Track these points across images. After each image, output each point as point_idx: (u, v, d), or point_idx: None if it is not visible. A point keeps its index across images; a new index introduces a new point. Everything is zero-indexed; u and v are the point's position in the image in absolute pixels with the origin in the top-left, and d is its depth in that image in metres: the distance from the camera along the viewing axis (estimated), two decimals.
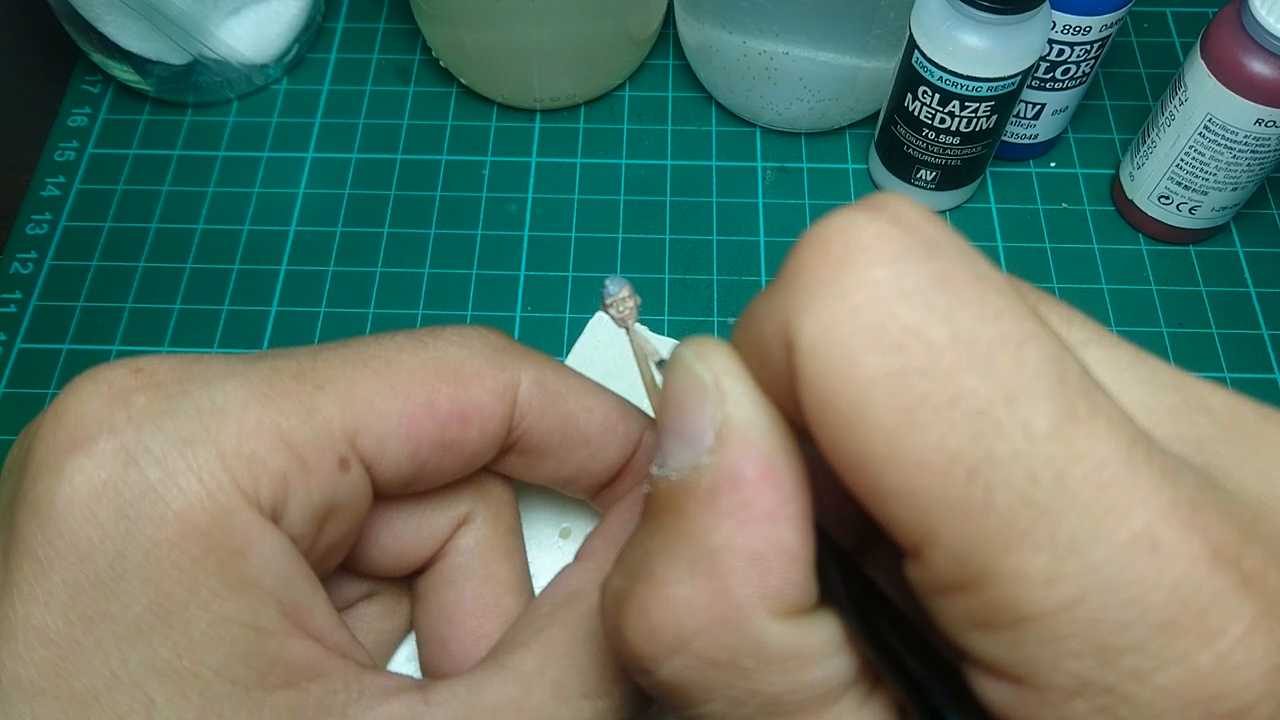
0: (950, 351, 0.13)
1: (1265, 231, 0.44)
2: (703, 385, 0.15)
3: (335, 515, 0.21)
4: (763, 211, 0.44)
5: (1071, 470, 0.12)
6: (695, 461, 0.15)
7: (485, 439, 0.23)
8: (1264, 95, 0.35)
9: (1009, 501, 0.12)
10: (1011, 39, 0.36)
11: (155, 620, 0.18)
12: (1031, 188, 0.45)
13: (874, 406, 0.13)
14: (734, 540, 0.15)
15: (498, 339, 0.24)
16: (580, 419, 0.24)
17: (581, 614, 0.22)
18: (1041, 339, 0.13)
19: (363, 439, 0.21)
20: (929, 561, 0.13)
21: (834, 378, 0.13)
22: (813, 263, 0.14)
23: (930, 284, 0.13)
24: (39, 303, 0.42)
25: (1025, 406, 0.13)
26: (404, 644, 0.27)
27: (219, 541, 0.19)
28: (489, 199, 0.44)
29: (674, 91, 0.47)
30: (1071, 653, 0.12)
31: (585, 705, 0.21)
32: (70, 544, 0.18)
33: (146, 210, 0.44)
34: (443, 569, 0.25)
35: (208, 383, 0.20)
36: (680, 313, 0.41)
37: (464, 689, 0.21)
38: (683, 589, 0.15)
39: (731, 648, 0.15)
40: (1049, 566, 0.12)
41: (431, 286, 0.42)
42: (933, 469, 0.13)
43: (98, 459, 0.18)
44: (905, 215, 0.14)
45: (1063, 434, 0.13)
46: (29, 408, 0.39)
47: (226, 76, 0.46)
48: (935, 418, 0.13)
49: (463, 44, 0.44)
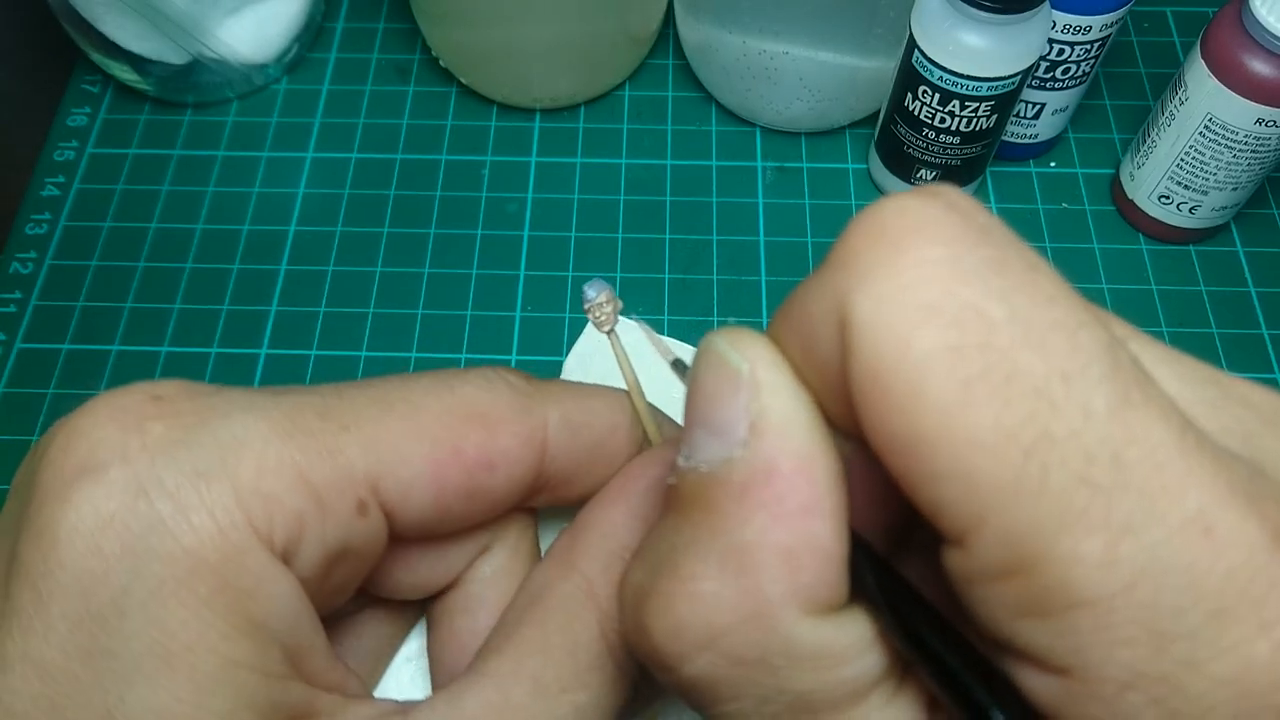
0: (1007, 329, 0.13)
1: (1266, 231, 0.43)
2: (737, 375, 0.15)
3: (347, 558, 0.21)
4: (763, 211, 0.44)
5: (1127, 451, 0.12)
6: (727, 454, 0.15)
7: (511, 485, 0.22)
8: (1264, 95, 0.35)
9: (1064, 482, 0.12)
10: (1011, 39, 0.36)
11: (158, 661, 0.17)
12: (1031, 187, 0.45)
13: (930, 382, 0.13)
14: (766, 535, 0.14)
15: (520, 381, 0.23)
16: (606, 442, 0.24)
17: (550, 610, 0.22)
18: (1094, 326, 0.13)
19: (385, 484, 0.20)
20: (976, 546, 0.13)
21: (889, 353, 0.13)
22: (868, 243, 0.14)
23: (986, 266, 0.13)
24: (39, 303, 0.42)
25: (1082, 387, 0.13)
26: (403, 645, 0.27)
27: (228, 581, 0.18)
28: (489, 199, 0.44)
29: (674, 91, 0.47)
30: (1125, 640, 0.12)
31: (564, 699, 0.21)
32: (73, 576, 0.17)
33: (146, 210, 0.44)
34: (458, 597, 0.24)
35: (228, 414, 0.19)
36: (680, 313, 0.41)
37: (444, 704, 0.21)
38: (711, 585, 0.15)
39: (760, 646, 0.15)
40: (1105, 549, 0.12)
41: (431, 286, 0.42)
42: (988, 447, 0.12)
43: (107, 489, 0.18)
44: (959, 202, 0.14)
45: (1119, 415, 0.12)
46: (29, 408, 0.39)
47: (226, 76, 0.46)
48: (992, 394, 0.13)
49: (463, 44, 0.44)
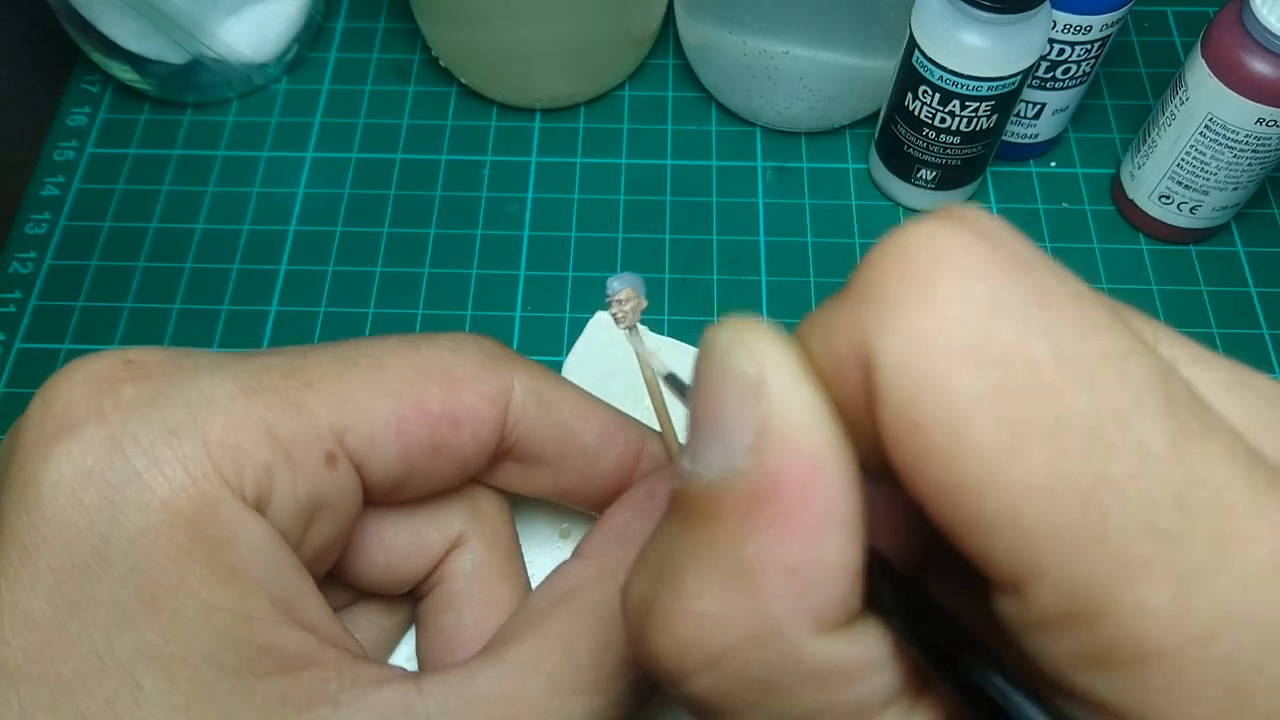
0: (1054, 369, 0.12)
1: (1266, 231, 0.43)
2: (742, 377, 0.14)
3: (323, 513, 0.21)
4: (763, 211, 0.44)
5: (1191, 493, 0.11)
6: (731, 463, 0.14)
7: (477, 444, 0.23)
8: (1265, 95, 0.35)
9: (1126, 528, 0.11)
10: (1012, 38, 0.36)
11: (142, 606, 0.18)
12: (1032, 187, 0.45)
13: (974, 429, 0.12)
14: (770, 554, 0.13)
15: (492, 345, 0.24)
16: (576, 426, 0.24)
17: (578, 610, 0.22)
18: (1142, 354, 0.12)
19: (351, 437, 0.21)
20: (1033, 596, 0.12)
21: (926, 399, 0.12)
22: (895, 275, 0.13)
23: (1027, 299, 0.12)
24: (38, 303, 0.42)
25: (1137, 425, 0.12)
26: (403, 643, 0.27)
27: (205, 530, 0.19)
28: (489, 199, 0.44)
29: (674, 91, 0.47)
30: (1200, 697, 0.11)
31: (580, 701, 0.21)
32: (55, 529, 0.18)
33: (146, 210, 0.44)
34: (441, 594, 0.25)
35: (195, 375, 0.20)
36: (680, 313, 0.41)
37: (458, 680, 0.21)
38: (712, 604, 0.14)
39: (766, 665, 0.14)
40: (1174, 599, 0.11)
41: (431, 286, 0.42)
42: (1043, 494, 0.12)
43: (84, 445, 0.18)
44: (990, 228, 0.13)
45: (1179, 453, 0.12)
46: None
47: (226, 76, 0.46)
48: (1044, 439, 0.12)
49: (463, 44, 0.44)
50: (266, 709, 0.19)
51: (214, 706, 0.18)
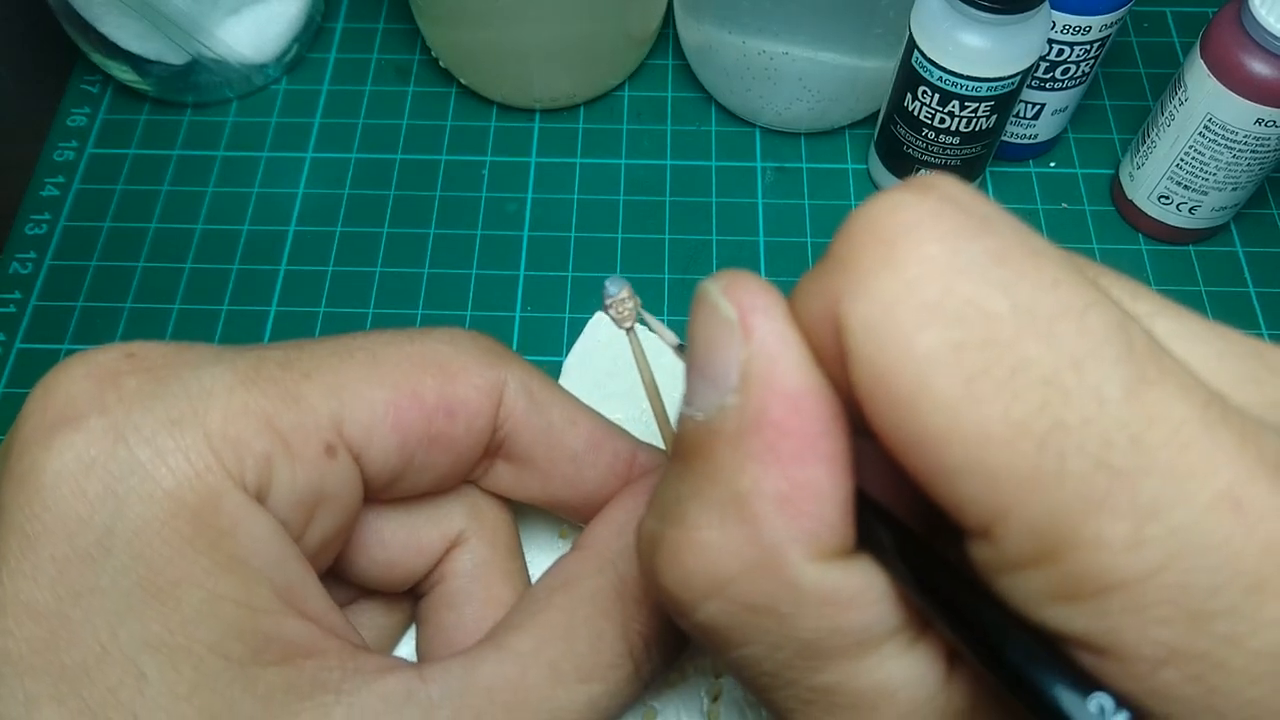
0: (1011, 321, 0.13)
1: (1265, 231, 0.44)
2: (727, 323, 0.15)
3: (324, 505, 0.21)
4: (762, 211, 0.44)
5: (1147, 433, 0.12)
6: (720, 402, 0.15)
7: (471, 435, 0.23)
8: (1264, 95, 0.35)
9: (1083, 468, 0.12)
10: (1011, 39, 0.36)
11: (145, 595, 0.18)
12: (1031, 188, 0.45)
13: (934, 382, 0.13)
14: (761, 484, 0.14)
15: (486, 340, 0.24)
16: (565, 431, 0.24)
17: (578, 599, 0.22)
18: (1102, 306, 0.13)
19: (349, 428, 0.21)
20: (1000, 538, 0.13)
21: (890, 355, 0.13)
22: (863, 243, 0.14)
23: (986, 258, 0.13)
24: (38, 303, 0.42)
25: (1094, 372, 0.12)
26: (403, 643, 0.27)
27: (208, 521, 0.19)
28: (489, 199, 0.44)
29: (674, 91, 0.47)
30: (1159, 620, 0.12)
31: (580, 689, 0.21)
32: (58, 518, 0.18)
33: (146, 210, 0.44)
34: (442, 592, 0.25)
35: (196, 368, 0.20)
36: (680, 313, 0.41)
37: (460, 668, 0.21)
38: (713, 534, 0.15)
39: (766, 592, 0.15)
40: (1131, 532, 0.12)
41: (431, 286, 0.42)
42: (1000, 441, 0.12)
43: (87, 436, 0.18)
44: (955, 193, 0.14)
45: (1136, 397, 0.12)
46: None
47: (226, 76, 0.46)
48: (999, 389, 0.12)
49: (463, 44, 0.44)
50: (270, 698, 0.19)
51: (218, 695, 0.18)
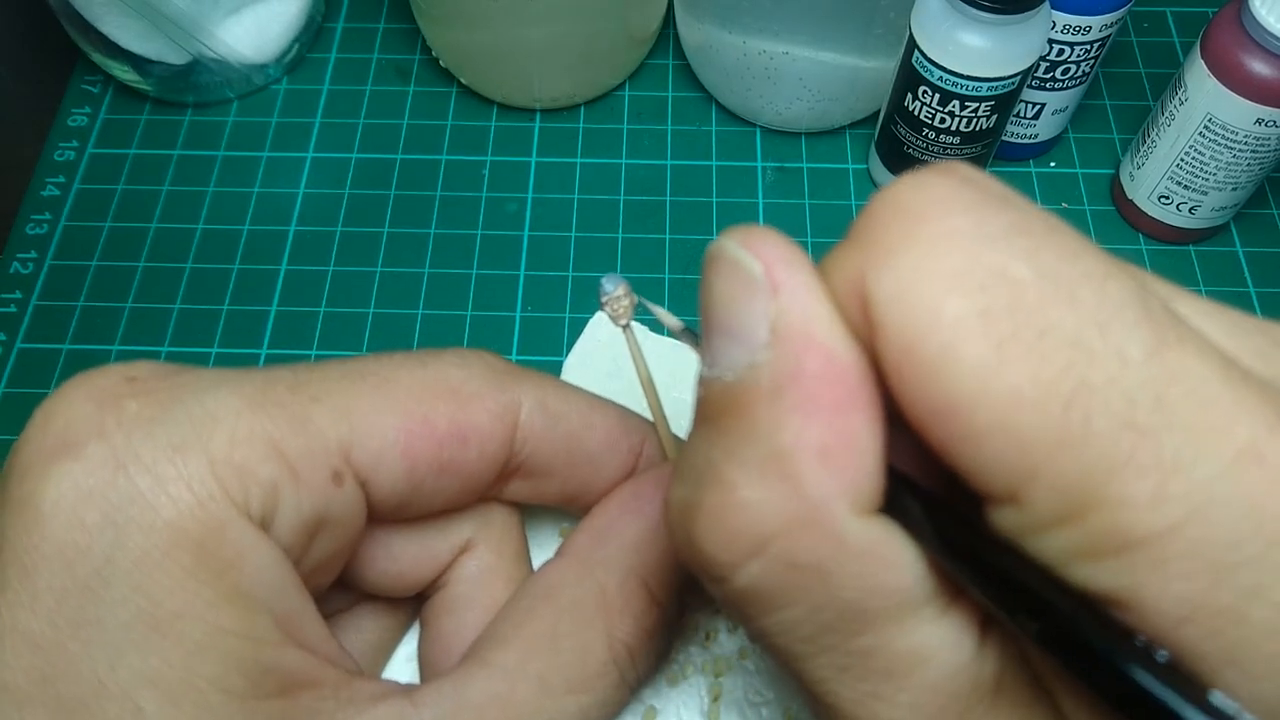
0: (1036, 287, 0.13)
1: (1265, 231, 0.43)
2: (751, 277, 0.15)
3: (326, 530, 0.21)
4: (763, 211, 0.44)
5: (1170, 391, 0.12)
6: (750, 359, 0.14)
7: (484, 461, 0.23)
8: (1264, 95, 0.35)
9: (1108, 427, 0.12)
10: (1011, 39, 0.36)
11: (145, 629, 0.18)
12: (1031, 187, 0.45)
13: (963, 347, 0.13)
14: (803, 437, 0.14)
15: (498, 362, 0.24)
16: (584, 437, 0.24)
17: (561, 609, 0.22)
18: (1122, 275, 0.13)
19: (358, 454, 0.21)
20: (1028, 500, 0.13)
21: (919, 323, 0.13)
22: (888, 218, 0.14)
23: (1009, 229, 0.13)
24: (39, 303, 0.42)
25: (1117, 334, 0.13)
26: (403, 643, 0.27)
27: (211, 552, 0.18)
28: (489, 199, 0.44)
29: (674, 91, 0.47)
30: (1182, 574, 0.12)
31: (569, 700, 0.21)
32: (56, 549, 0.18)
33: (146, 210, 0.44)
34: (445, 597, 0.25)
35: (200, 391, 0.20)
36: (680, 313, 0.41)
37: (449, 688, 0.21)
38: (755, 492, 0.15)
39: (811, 548, 0.14)
40: (1155, 488, 0.12)
41: (431, 286, 0.42)
42: (1028, 402, 0.13)
43: (86, 464, 0.18)
44: (973, 175, 0.14)
45: (1158, 357, 0.13)
46: (29, 408, 0.39)
47: (226, 76, 0.46)
48: (1027, 351, 0.13)
49: (463, 44, 0.44)
50: None
51: None
